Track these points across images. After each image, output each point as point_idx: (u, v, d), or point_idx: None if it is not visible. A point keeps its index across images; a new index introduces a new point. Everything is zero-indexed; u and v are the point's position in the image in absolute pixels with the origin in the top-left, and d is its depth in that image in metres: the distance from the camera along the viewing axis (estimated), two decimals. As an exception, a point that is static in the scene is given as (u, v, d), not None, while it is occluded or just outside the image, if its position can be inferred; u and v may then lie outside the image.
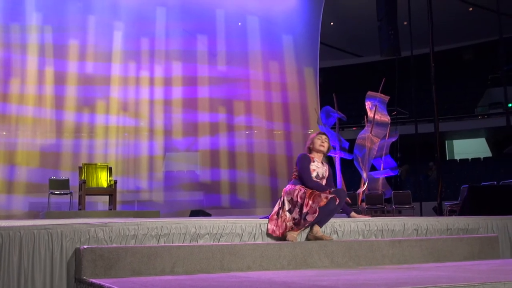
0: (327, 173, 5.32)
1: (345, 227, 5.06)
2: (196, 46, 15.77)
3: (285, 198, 5.06)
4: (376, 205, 12.74)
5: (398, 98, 16.55)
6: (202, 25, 15.89)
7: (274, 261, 4.46)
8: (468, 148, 25.30)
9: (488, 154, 24.50)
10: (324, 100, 16.37)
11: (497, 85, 22.78)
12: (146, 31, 15.33)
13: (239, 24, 16.38)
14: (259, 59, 16.21)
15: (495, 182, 13.13)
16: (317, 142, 5.29)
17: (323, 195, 4.84)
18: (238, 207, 14.72)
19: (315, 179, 5.12)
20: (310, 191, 4.94)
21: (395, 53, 14.72)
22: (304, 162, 5.20)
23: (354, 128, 20.29)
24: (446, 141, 25.46)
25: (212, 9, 16.04)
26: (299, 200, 4.92)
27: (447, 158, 25.15)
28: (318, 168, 5.20)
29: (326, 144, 5.31)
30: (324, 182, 5.20)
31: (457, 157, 25.15)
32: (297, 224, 4.84)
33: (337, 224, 5.04)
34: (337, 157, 14.72)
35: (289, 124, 16.08)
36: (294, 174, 5.25)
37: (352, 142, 13.08)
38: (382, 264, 4.82)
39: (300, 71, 16.59)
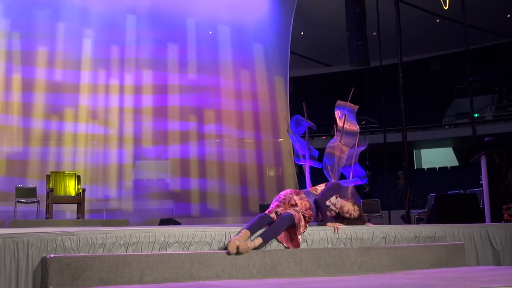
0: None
1: (314, 235, 5.07)
2: (166, 54, 15.69)
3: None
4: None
5: (367, 108, 16.73)
6: (173, 33, 15.83)
7: (243, 270, 4.44)
8: (436, 157, 25.64)
9: (455, 163, 24.86)
10: (294, 109, 16.43)
11: (463, 95, 23.15)
12: (116, 38, 15.19)
13: (210, 33, 16.37)
14: (229, 68, 16.21)
15: (462, 191, 13.33)
16: (348, 206, 5.43)
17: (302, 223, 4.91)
18: (208, 216, 14.63)
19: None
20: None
21: (364, 63, 14.89)
22: (334, 191, 5.40)
23: (323, 137, 20.38)
24: (414, 150, 25.76)
25: (183, 18, 16.00)
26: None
27: (415, 167, 25.45)
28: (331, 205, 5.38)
29: (353, 214, 5.41)
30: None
31: (425, 166, 25.46)
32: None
33: (306, 233, 5.04)
34: (306, 166, 14.74)
35: (259, 132, 16.08)
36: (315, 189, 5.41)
37: (321, 151, 13.10)
38: (351, 272, 4.84)
39: (270, 80, 16.63)
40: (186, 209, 14.78)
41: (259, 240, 4.62)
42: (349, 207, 5.40)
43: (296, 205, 5.06)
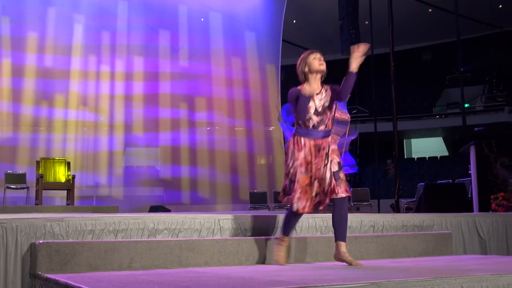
0: (330, 95, 4.27)
1: (303, 223, 5.09)
2: (158, 41, 15.62)
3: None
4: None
5: (358, 97, 16.76)
6: (165, 20, 15.75)
7: (232, 257, 4.46)
8: (426, 147, 25.75)
9: (445, 153, 24.99)
10: (286, 97, 16.44)
11: (454, 85, 23.23)
12: (107, 25, 15.11)
13: (202, 20, 16.30)
14: (221, 56, 16.16)
15: (451, 181, 13.41)
16: (315, 63, 4.27)
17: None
18: (198, 204, 14.67)
19: (315, 116, 4.22)
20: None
21: (343, 51, 14.88)
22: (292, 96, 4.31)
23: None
24: (404, 140, 25.85)
25: (175, 5, 15.92)
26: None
27: (405, 157, 25.55)
28: (315, 101, 4.24)
29: (323, 63, 4.30)
30: (328, 114, 4.27)
31: (415, 155, 25.55)
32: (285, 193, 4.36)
33: (295, 220, 5.06)
34: (297, 154, 14.81)
35: (250, 121, 16.08)
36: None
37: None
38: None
39: (262, 68, 16.61)
40: (176, 197, 14.80)
41: None
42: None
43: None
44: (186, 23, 16.05)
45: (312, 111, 4.20)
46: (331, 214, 4.33)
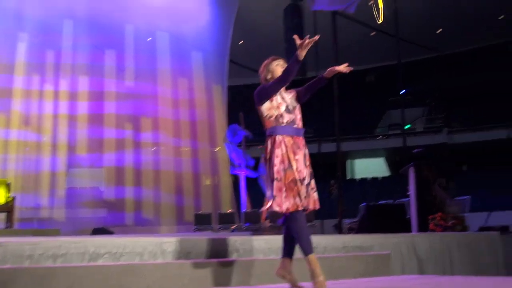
0: (296, 98, 4.29)
1: (246, 245, 5.12)
2: (104, 60, 15.42)
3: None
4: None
5: (302, 117, 16.92)
6: (111, 39, 15.58)
7: (175, 281, 4.42)
8: (368, 167, 26.20)
9: (386, 173, 25.47)
10: (232, 118, 16.50)
11: (396, 107, 23.79)
12: (52, 43, 14.84)
13: (149, 39, 16.21)
14: (168, 76, 16.09)
15: (392, 201, 13.70)
16: (278, 69, 4.23)
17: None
18: (143, 225, 14.42)
19: (286, 114, 4.15)
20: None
21: (301, 73, 15.11)
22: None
23: (260, 146, 20.46)
24: (347, 161, 26.24)
25: (122, 24, 15.78)
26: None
27: (348, 177, 25.91)
28: (285, 99, 4.22)
29: None
30: (298, 115, 4.23)
31: (358, 176, 25.96)
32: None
33: (238, 242, 5.08)
34: (242, 175, 14.85)
35: (196, 141, 16.02)
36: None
37: (257, 160, 13.23)
38: (281, 281, 4.91)
39: (208, 88, 16.61)
40: (120, 218, 14.54)
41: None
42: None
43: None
44: (133, 43, 15.93)
45: (283, 108, 4.15)
46: (272, 236, 4.34)
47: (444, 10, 15.86)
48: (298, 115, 4.23)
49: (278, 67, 4.25)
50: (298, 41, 4.08)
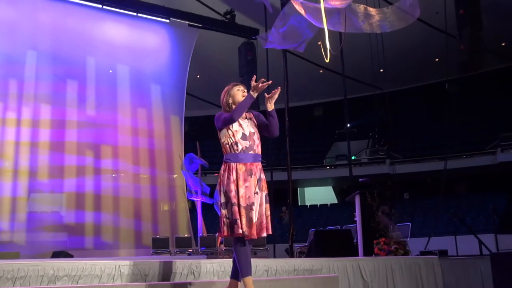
0: (255, 123, 4.27)
1: (202, 268, 5.05)
2: (65, 90, 15.16)
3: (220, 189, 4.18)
4: (234, 247, 12.80)
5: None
6: (73, 70, 15.34)
7: (132, 302, 4.33)
8: (317, 195, 26.41)
9: (335, 200, 25.71)
10: (189, 147, 16.43)
11: (342, 139, 24.14)
12: (15, 73, 14.50)
13: (110, 71, 16.07)
14: (127, 106, 15.93)
15: (339, 227, 13.78)
16: (239, 94, 4.24)
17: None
18: (102, 249, 14.09)
19: (242, 141, 4.11)
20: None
21: (254, 107, 15.23)
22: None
23: (215, 174, 20.36)
24: (298, 188, 26.38)
25: (83, 56, 15.58)
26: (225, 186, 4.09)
27: (299, 204, 26.03)
28: (242, 126, 4.18)
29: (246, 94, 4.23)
30: (256, 141, 4.18)
31: (308, 203, 26.11)
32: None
33: (194, 265, 5.01)
34: (198, 201, 14.75)
35: (154, 169, 15.85)
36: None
37: (213, 187, 13.16)
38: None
39: (166, 119, 16.52)
40: (80, 242, 14.16)
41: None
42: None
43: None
44: (94, 74, 15.72)
45: (239, 136, 4.12)
46: (226, 259, 4.29)
47: (386, 53, 16.31)
48: (256, 141, 4.20)
49: (238, 92, 4.28)
50: (253, 83, 4.15)
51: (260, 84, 4.17)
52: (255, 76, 4.28)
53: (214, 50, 20.73)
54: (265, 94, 4.27)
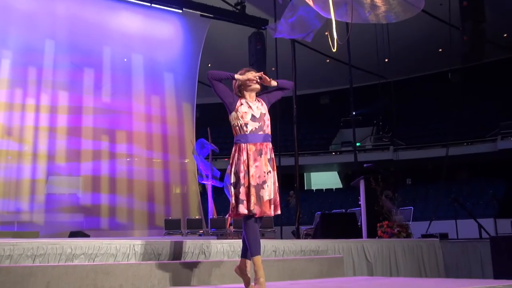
0: (266, 104, 4.22)
1: (212, 248, 5.06)
2: (82, 78, 15.19)
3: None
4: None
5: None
6: (89, 59, 15.36)
7: (145, 280, 4.35)
8: (323, 180, 26.39)
9: (340, 185, 25.69)
10: (200, 133, 16.42)
11: (348, 126, 24.05)
12: (34, 61, 14.53)
13: (125, 60, 16.07)
14: (141, 94, 15.95)
15: (344, 210, 13.76)
16: (248, 74, 4.22)
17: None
18: (116, 230, 14.19)
19: (252, 122, 4.07)
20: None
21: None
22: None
23: (225, 159, 20.45)
24: (305, 173, 26.37)
25: (100, 45, 15.61)
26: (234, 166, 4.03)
27: (305, 188, 26.03)
28: (251, 108, 4.13)
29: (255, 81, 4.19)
30: (266, 122, 4.13)
31: (314, 187, 26.11)
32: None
33: (204, 245, 5.02)
34: (209, 185, 14.76)
35: (167, 154, 15.90)
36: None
37: (223, 171, 13.17)
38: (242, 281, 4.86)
39: (179, 106, 16.53)
40: (96, 223, 14.26)
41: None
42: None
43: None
44: (110, 63, 15.74)
45: (248, 117, 4.07)
46: (236, 240, 4.29)
47: (391, 43, 16.17)
48: (266, 121, 4.16)
49: (248, 73, 4.24)
50: (250, 75, 4.19)
51: (248, 80, 4.18)
52: (263, 72, 4.22)
53: (225, 39, 20.65)
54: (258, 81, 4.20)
